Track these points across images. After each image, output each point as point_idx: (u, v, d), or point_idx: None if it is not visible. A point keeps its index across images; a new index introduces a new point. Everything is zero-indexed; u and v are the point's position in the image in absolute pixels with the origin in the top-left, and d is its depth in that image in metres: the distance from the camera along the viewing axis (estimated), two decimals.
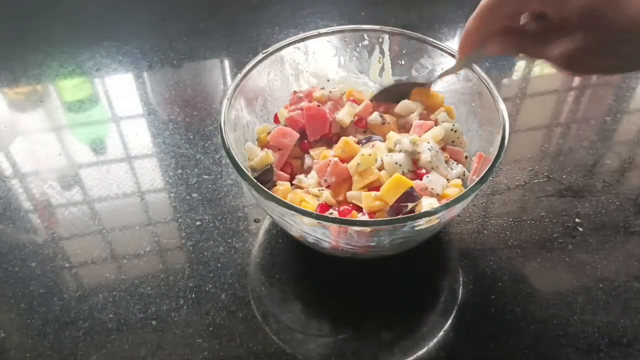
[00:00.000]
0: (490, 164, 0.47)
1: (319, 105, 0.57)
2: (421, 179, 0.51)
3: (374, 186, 0.51)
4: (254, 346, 0.50)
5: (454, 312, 0.52)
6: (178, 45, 0.84)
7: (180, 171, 0.65)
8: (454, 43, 0.85)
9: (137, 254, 0.57)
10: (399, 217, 0.46)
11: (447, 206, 0.44)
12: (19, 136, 0.72)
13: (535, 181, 0.64)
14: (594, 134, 0.69)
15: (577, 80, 0.79)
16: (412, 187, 0.48)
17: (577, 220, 0.60)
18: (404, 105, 0.58)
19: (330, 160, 0.52)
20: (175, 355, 0.49)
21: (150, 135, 0.71)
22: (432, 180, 0.51)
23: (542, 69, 0.80)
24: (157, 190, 0.64)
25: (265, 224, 0.60)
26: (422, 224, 0.45)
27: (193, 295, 0.53)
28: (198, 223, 0.60)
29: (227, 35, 0.85)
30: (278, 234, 0.59)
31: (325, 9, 0.91)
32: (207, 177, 0.64)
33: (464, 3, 0.91)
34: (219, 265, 0.56)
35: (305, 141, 0.57)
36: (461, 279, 0.55)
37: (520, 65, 0.81)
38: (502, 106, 0.51)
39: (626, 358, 0.49)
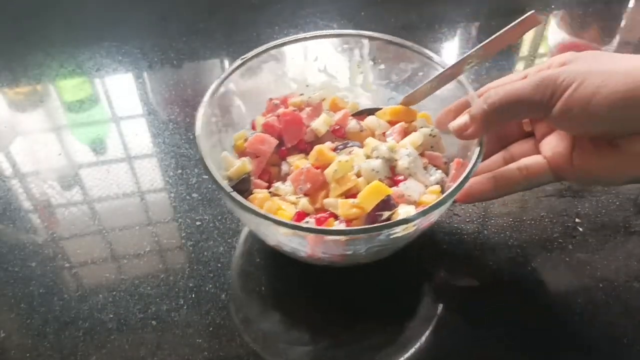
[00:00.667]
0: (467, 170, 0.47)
1: (294, 110, 0.57)
2: (398, 186, 0.50)
3: (351, 193, 0.50)
4: (254, 346, 0.50)
5: (454, 311, 0.52)
6: (178, 45, 0.84)
7: (180, 171, 0.65)
8: (454, 43, 0.85)
9: (137, 254, 0.57)
10: (375, 225, 0.45)
11: (423, 213, 0.43)
12: (19, 136, 0.72)
13: None
14: None
15: None
16: (389, 195, 0.47)
17: (577, 220, 0.60)
18: (369, 120, 0.58)
19: (303, 169, 0.51)
20: (175, 355, 0.49)
21: (150, 135, 0.71)
22: (409, 187, 0.50)
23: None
24: (157, 190, 0.64)
25: None
26: (399, 231, 0.44)
27: (193, 295, 0.53)
28: (198, 223, 0.60)
29: (227, 35, 0.85)
30: None
31: (325, 9, 0.91)
32: (207, 177, 0.64)
33: (463, 3, 0.91)
34: (219, 265, 0.56)
35: (283, 148, 0.57)
36: (461, 279, 0.55)
37: (520, 65, 0.81)
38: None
39: (626, 358, 0.49)
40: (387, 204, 0.47)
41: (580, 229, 0.59)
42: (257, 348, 0.50)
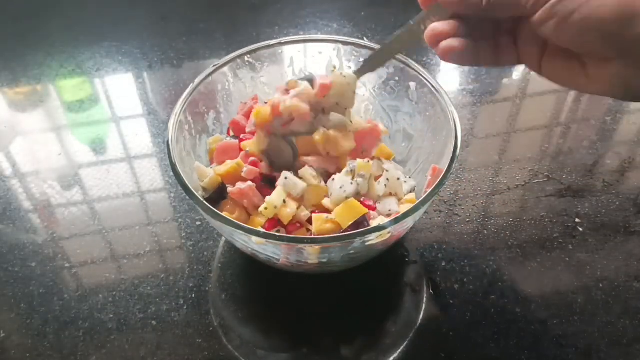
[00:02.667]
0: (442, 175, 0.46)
1: (265, 103, 0.55)
2: (374, 210, 0.50)
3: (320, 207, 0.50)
4: (254, 346, 0.50)
5: (453, 312, 0.52)
6: (178, 45, 0.84)
7: None
8: None
9: (137, 254, 0.57)
10: (347, 233, 0.44)
11: (396, 220, 0.43)
12: (19, 136, 0.72)
13: (535, 181, 0.64)
14: (594, 134, 0.70)
15: None
16: (364, 215, 0.47)
17: (577, 220, 0.60)
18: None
19: (243, 188, 0.50)
20: (175, 355, 0.49)
21: (150, 135, 0.71)
22: (386, 204, 0.50)
23: None
24: (157, 190, 0.64)
25: None
26: (373, 239, 0.43)
27: (193, 295, 0.53)
28: (198, 223, 0.60)
29: (227, 35, 0.85)
30: None
31: (325, 8, 0.91)
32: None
33: None
34: (219, 265, 0.56)
35: (241, 136, 0.55)
36: (461, 279, 0.55)
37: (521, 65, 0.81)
38: (455, 115, 0.50)
39: (626, 358, 0.49)
40: (361, 224, 0.46)
41: (580, 229, 0.59)
42: (258, 348, 0.50)
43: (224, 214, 0.49)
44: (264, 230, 0.45)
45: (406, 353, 0.49)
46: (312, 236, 0.47)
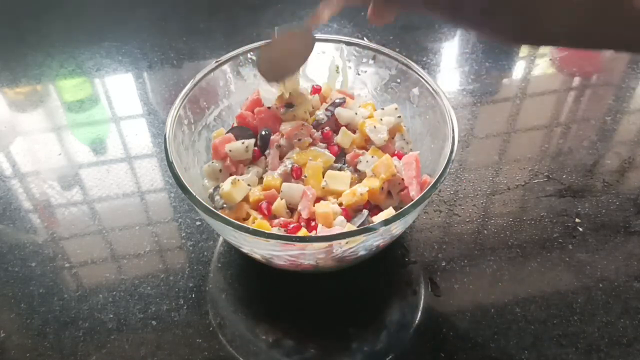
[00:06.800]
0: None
1: (269, 108, 0.56)
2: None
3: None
4: (254, 346, 0.50)
5: (455, 311, 0.52)
6: (178, 45, 0.84)
7: None
8: (454, 43, 0.85)
9: (137, 254, 0.57)
10: (338, 233, 0.45)
11: (386, 222, 0.43)
12: (19, 136, 0.72)
13: (535, 181, 0.64)
14: (594, 134, 0.70)
15: (577, 80, 0.79)
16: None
17: (577, 220, 0.60)
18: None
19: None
20: (175, 355, 0.49)
21: (150, 135, 0.71)
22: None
23: (543, 69, 0.80)
24: (157, 190, 0.64)
25: None
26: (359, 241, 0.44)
27: (193, 295, 0.53)
28: (198, 223, 0.60)
29: (227, 35, 0.85)
30: None
31: None
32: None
33: None
34: (219, 265, 0.56)
35: (256, 148, 0.56)
36: (461, 279, 0.55)
37: (520, 65, 0.81)
38: (454, 118, 0.50)
39: (626, 358, 0.49)
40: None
41: (580, 229, 0.59)
42: (258, 348, 0.50)
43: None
44: (252, 227, 0.44)
45: (406, 353, 0.49)
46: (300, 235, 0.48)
